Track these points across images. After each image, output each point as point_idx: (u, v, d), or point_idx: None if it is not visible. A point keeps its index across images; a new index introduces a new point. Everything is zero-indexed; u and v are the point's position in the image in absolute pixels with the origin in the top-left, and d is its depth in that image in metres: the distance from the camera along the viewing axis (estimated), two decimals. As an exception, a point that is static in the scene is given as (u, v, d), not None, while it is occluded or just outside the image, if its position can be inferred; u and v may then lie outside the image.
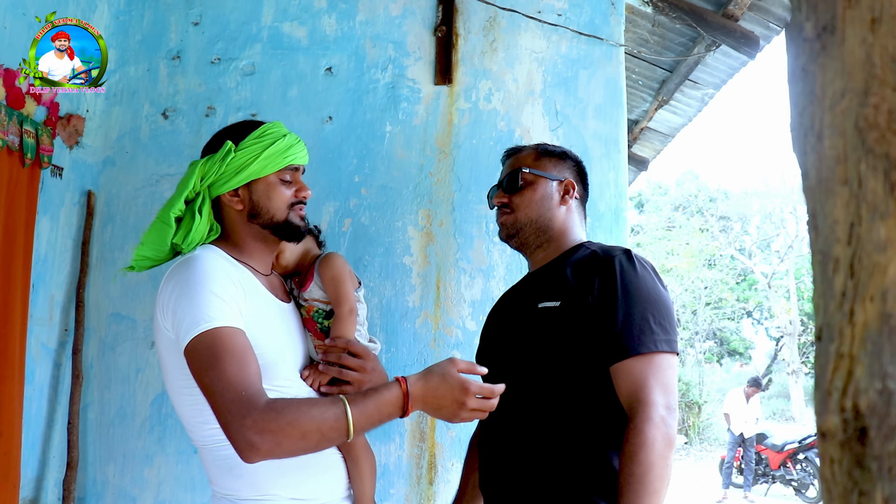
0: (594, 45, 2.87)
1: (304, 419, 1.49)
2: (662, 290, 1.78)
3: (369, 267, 2.81)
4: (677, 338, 1.75)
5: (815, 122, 0.55)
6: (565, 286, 1.81)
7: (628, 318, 1.69)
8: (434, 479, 2.68)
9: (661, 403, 1.61)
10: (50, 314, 2.84)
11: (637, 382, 1.64)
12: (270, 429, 1.46)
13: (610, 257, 1.79)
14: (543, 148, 2.06)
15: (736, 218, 26.68)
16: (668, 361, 1.69)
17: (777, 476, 12.27)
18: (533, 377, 1.80)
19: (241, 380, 1.51)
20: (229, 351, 1.54)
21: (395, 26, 2.98)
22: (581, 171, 2.08)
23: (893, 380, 0.46)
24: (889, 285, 0.48)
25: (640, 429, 1.58)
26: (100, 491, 2.84)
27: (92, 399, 2.90)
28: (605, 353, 1.70)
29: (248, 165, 1.77)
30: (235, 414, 1.47)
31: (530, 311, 1.87)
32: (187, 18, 3.11)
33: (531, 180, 1.98)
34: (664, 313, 1.73)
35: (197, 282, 1.61)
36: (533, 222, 1.96)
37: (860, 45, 0.51)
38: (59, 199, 2.85)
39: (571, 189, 1.99)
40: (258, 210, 1.79)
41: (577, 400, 1.74)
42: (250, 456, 1.48)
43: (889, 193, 0.48)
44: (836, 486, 0.50)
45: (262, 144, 1.79)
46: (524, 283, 2.06)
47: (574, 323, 1.75)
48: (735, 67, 4.28)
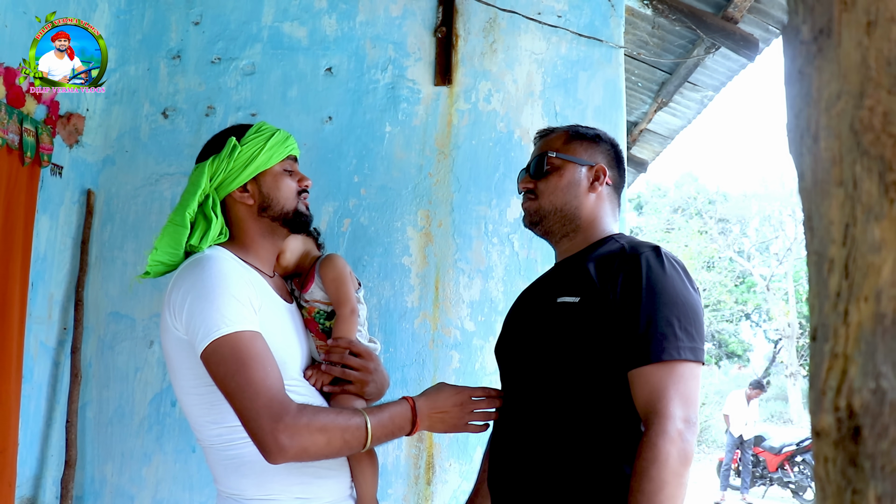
0: (594, 47, 2.88)
1: (331, 426, 1.59)
2: (691, 293, 1.64)
3: (368, 267, 2.82)
4: (703, 345, 1.62)
5: (812, 123, 0.55)
6: (586, 281, 1.69)
7: (651, 322, 1.57)
8: (432, 480, 2.68)
9: (679, 416, 1.49)
10: (49, 313, 2.84)
11: (655, 392, 1.52)
12: (301, 433, 1.54)
13: (636, 254, 1.66)
14: (575, 130, 1.92)
15: (735, 220, 26.69)
16: (691, 371, 1.56)
17: (775, 478, 12.26)
18: (547, 377, 1.70)
19: (270, 384, 1.56)
20: (252, 356, 1.57)
21: (396, 27, 2.99)
22: (616, 156, 1.93)
23: (887, 379, 0.47)
24: (883, 286, 0.48)
25: (654, 443, 1.47)
26: (98, 490, 2.84)
27: (90, 398, 2.90)
28: (623, 356, 1.59)
29: (255, 158, 1.80)
30: (267, 418, 1.52)
31: (549, 305, 1.75)
32: (188, 18, 3.12)
33: (558, 165, 1.85)
34: (691, 318, 1.59)
35: (214, 284, 1.62)
36: (558, 210, 1.83)
37: (856, 48, 0.51)
38: (58, 198, 2.86)
39: (602, 175, 1.85)
40: (269, 202, 1.82)
41: (591, 405, 1.62)
42: (277, 458, 1.54)
43: (883, 195, 0.49)
44: (830, 485, 0.50)
45: (263, 137, 1.83)
46: (548, 275, 1.95)
47: (593, 321, 1.63)
48: (734, 70, 4.29)
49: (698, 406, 1.57)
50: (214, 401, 1.63)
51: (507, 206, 2.81)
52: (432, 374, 2.73)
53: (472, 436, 2.68)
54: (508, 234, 2.79)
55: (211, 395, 1.63)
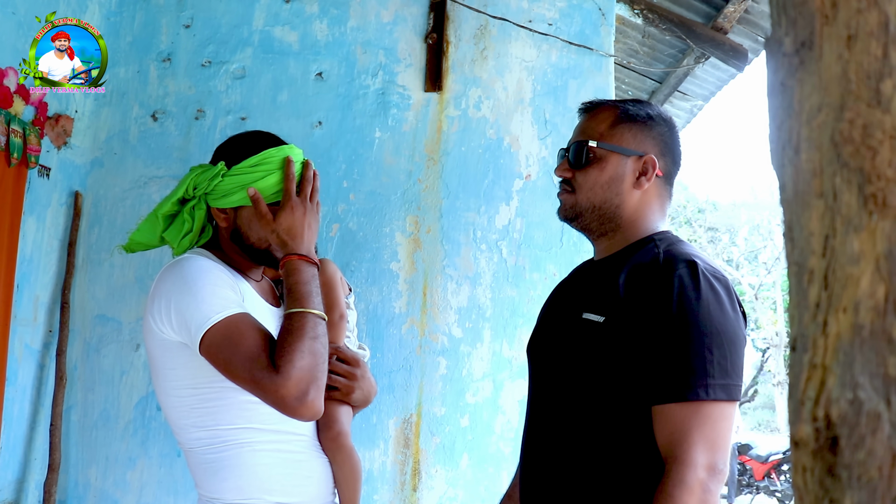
0: (584, 55, 2.89)
1: (302, 346, 1.55)
2: (730, 319, 1.42)
3: (356, 272, 2.81)
4: (740, 381, 1.40)
5: (793, 135, 0.56)
6: (614, 297, 1.50)
7: (678, 353, 1.38)
8: (418, 486, 2.67)
9: (702, 464, 1.31)
10: (34, 315, 2.82)
11: (676, 434, 1.34)
12: (294, 375, 1.50)
13: (669, 270, 1.44)
14: (625, 111, 1.65)
15: (724, 229, 26.81)
16: (721, 412, 1.36)
17: (761, 487, 12.29)
18: (571, 398, 1.54)
19: (260, 350, 1.54)
20: (243, 331, 1.56)
21: (387, 33, 2.99)
22: (670, 140, 1.67)
23: (864, 390, 0.47)
24: (861, 297, 0.49)
25: (670, 493, 1.30)
26: (81, 494, 2.82)
27: (75, 401, 2.89)
28: (646, 389, 1.41)
29: (233, 193, 1.71)
30: (269, 384, 1.50)
31: (574, 319, 1.57)
32: (178, 21, 3.11)
33: (601, 156, 1.61)
34: (726, 350, 1.38)
35: (195, 279, 1.61)
36: (596, 208, 1.61)
37: (836, 61, 0.52)
38: (45, 200, 2.84)
39: (651, 168, 1.60)
40: (239, 235, 1.75)
41: (613, 436, 1.46)
42: (301, 410, 1.52)
43: (862, 207, 0.49)
44: (808, 495, 0.50)
45: (252, 177, 1.71)
46: (583, 274, 1.75)
47: (616, 346, 1.46)
48: (724, 80, 4.32)
49: (728, 451, 1.38)
50: (195, 404, 1.63)
51: (496, 212, 2.81)
52: (419, 380, 2.73)
53: (458, 443, 2.68)
54: (497, 240, 2.79)
55: (191, 398, 1.63)
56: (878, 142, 0.49)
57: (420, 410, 2.72)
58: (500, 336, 2.74)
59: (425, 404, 2.72)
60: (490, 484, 2.65)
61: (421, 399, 2.72)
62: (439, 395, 2.72)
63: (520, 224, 2.79)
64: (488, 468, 2.66)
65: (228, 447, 1.62)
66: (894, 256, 0.48)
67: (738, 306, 1.47)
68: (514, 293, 2.76)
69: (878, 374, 0.47)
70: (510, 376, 2.71)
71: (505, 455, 2.67)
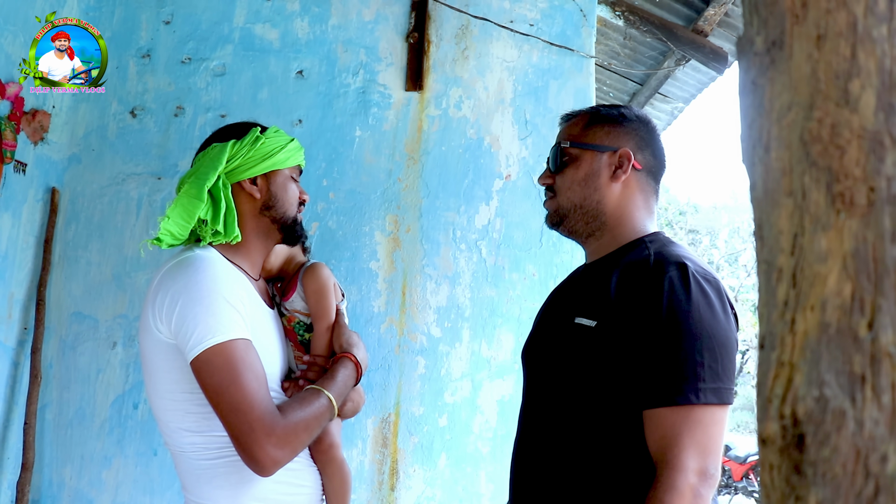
0: (565, 56, 2.90)
1: (309, 420, 1.62)
2: (720, 321, 1.41)
3: (335, 271, 2.80)
4: (732, 384, 1.39)
5: (763, 134, 0.56)
6: (605, 301, 1.49)
7: (668, 357, 1.37)
8: (395, 485, 2.67)
9: (693, 468, 1.30)
10: (9, 312, 2.79)
11: (667, 439, 1.34)
12: (290, 440, 1.55)
13: (660, 272, 1.44)
14: (595, 112, 1.69)
15: (705, 231, 27.01)
16: (712, 416, 1.35)
17: (739, 488, 12.40)
18: (563, 402, 1.54)
19: (262, 397, 1.54)
20: (247, 367, 1.54)
21: (368, 31, 2.99)
22: (647, 136, 1.68)
23: (830, 388, 0.47)
24: (829, 295, 0.49)
25: (661, 498, 1.29)
26: (55, 493, 2.79)
27: (50, 399, 2.85)
28: (637, 393, 1.40)
29: (274, 153, 1.80)
30: (260, 433, 1.51)
31: (566, 324, 1.57)
32: (158, 17, 3.09)
33: (575, 155, 1.64)
34: (717, 353, 1.37)
35: (209, 288, 1.57)
36: (577, 207, 1.63)
37: (806, 61, 0.52)
38: (21, 196, 2.81)
39: (626, 161, 1.61)
40: (274, 202, 1.80)
41: (604, 440, 1.45)
42: (271, 470, 1.53)
43: (830, 205, 0.50)
44: (775, 492, 0.51)
45: (283, 138, 1.84)
46: (575, 279, 1.73)
47: (608, 351, 1.45)
48: (704, 82, 4.34)
49: (720, 455, 1.37)
50: (190, 409, 1.60)
51: (476, 212, 2.81)
52: (398, 379, 2.72)
53: (436, 442, 2.68)
54: (476, 240, 2.79)
55: (187, 403, 1.60)
56: (846, 141, 0.50)
57: (398, 410, 2.71)
58: (479, 336, 2.74)
59: (403, 404, 2.71)
60: (468, 484, 2.65)
61: (399, 398, 2.72)
62: (418, 395, 2.71)
63: (499, 224, 2.80)
64: (466, 468, 2.66)
65: (223, 454, 1.61)
66: (861, 255, 0.48)
67: (730, 308, 1.46)
68: (493, 293, 2.76)
69: (844, 372, 0.47)
70: (489, 376, 2.71)
71: (483, 455, 2.67)
